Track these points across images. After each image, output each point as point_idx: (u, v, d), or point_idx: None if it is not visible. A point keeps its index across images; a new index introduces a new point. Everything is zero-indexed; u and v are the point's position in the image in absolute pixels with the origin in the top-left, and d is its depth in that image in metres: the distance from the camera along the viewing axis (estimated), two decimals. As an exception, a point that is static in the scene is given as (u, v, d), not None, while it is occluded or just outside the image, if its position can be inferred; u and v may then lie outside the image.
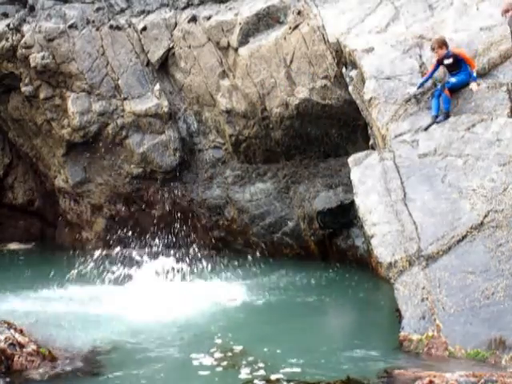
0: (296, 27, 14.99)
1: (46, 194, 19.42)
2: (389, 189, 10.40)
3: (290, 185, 16.39)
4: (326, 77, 14.72)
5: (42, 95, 17.35)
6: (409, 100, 11.62)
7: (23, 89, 17.48)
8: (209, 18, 16.16)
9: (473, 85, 11.29)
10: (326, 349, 9.24)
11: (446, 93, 11.24)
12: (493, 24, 12.22)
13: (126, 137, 17.10)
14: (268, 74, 15.36)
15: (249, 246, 17.00)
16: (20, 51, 17.16)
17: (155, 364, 8.73)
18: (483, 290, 8.91)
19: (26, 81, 17.42)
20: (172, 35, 16.70)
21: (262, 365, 8.43)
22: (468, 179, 10.07)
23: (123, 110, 16.97)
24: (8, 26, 17.35)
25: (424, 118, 11.29)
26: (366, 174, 10.86)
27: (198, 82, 16.54)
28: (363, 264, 14.83)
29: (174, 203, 17.41)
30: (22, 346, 8.50)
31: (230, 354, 8.99)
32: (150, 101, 16.84)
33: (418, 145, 10.87)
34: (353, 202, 12.15)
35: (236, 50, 15.66)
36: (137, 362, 8.80)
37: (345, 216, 15.62)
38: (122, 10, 17.37)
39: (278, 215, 16.45)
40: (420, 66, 12.06)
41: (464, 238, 9.47)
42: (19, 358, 8.36)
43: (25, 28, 17.22)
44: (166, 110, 16.76)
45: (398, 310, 9.38)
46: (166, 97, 16.93)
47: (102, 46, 17.06)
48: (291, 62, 15.06)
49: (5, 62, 17.59)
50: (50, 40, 16.98)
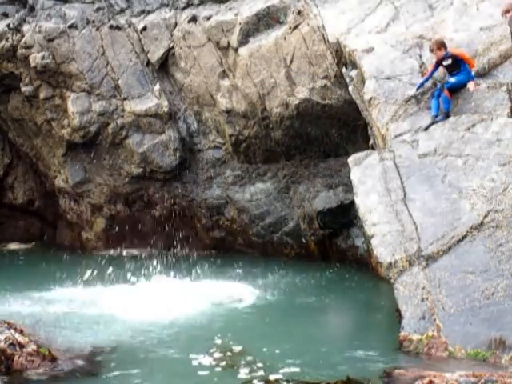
0: (296, 27, 14.99)
1: (45, 194, 19.41)
2: (389, 189, 10.40)
3: (290, 185, 16.39)
4: (326, 77, 14.72)
5: (42, 95, 17.34)
6: (409, 100, 11.63)
7: (23, 89, 17.48)
8: (209, 18, 16.16)
9: (470, 84, 11.28)
10: (326, 349, 9.24)
11: (446, 93, 11.23)
12: (493, 24, 12.22)
13: (126, 137, 17.10)
14: (268, 74, 15.36)
15: (249, 245, 17.01)
16: (20, 51, 17.16)
17: (155, 364, 8.73)
18: (483, 289, 8.91)
19: (26, 81, 17.42)
20: (172, 35, 16.70)
21: (261, 365, 8.43)
22: (468, 179, 10.07)
23: (123, 110, 16.97)
24: (8, 25, 17.34)
25: (424, 118, 11.29)
26: (366, 174, 10.86)
27: (197, 82, 16.54)
28: (363, 264, 14.83)
29: (174, 203, 17.41)
30: (21, 346, 8.50)
31: (229, 353, 8.99)
32: (150, 101, 16.84)
33: (417, 145, 10.87)
34: (353, 202, 12.15)
35: (236, 50, 15.66)
36: (136, 362, 8.80)
37: (345, 216, 15.62)
38: (122, 10, 17.36)
39: (278, 215, 16.45)
40: (420, 66, 12.06)
41: (464, 237, 9.47)
42: (19, 357, 8.36)
43: (25, 28, 17.22)
44: (166, 109, 16.75)
45: (398, 310, 9.38)
46: (166, 97, 16.92)
47: (102, 46, 17.06)
48: (291, 62, 15.06)
49: (5, 62, 17.58)
50: (50, 40, 16.97)
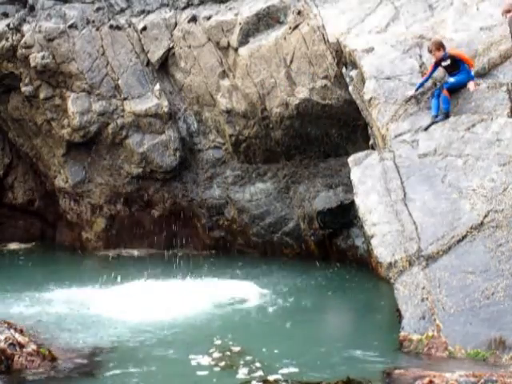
0: (296, 27, 14.99)
1: (46, 194, 19.41)
2: (389, 189, 10.40)
3: (289, 185, 16.39)
4: (326, 77, 14.72)
5: (42, 95, 17.34)
6: (409, 100, 11.62)
7: (23, 89, 17.47)
8: (209, 18, 16.16)
9: (470, 84, 11.28)
10: (326, 349, 9.24)
11: (445, 93, 11.22)
12: (493, 24, 12.22)
13: (126, 137, 17.09)
14: (268, 74, 15.36)
15: (249, 245, 17.01)
16: (20, 51, 17.15)
17: (154, 364, 8.73)
18: (483, 289, 8.91)
19: (26, 81, 17.41)
20: (172, 35, 16.70)
21: (261, 365, 8.42)
22: (468, 179, 10.07)
23: (123, 110, 16.96)
24: (8, 25, 17.34)
25: (424, 118, 11.29)
26: (365, 174, 10.86)
27: (197, 82, 16.54)
28: (363, 264, 14.83)
29: (174, 203, 17.41)
30: (21, 346, 8.50)
31: (228, 354, 8.98)
32: (150, 101, 16.84)
33: (417, 145, 10.87)
34: (353, 202, 12.14)
35: (236, 50, 15.66)
36: (136, 362, 8.80)
37: (345, 216, 15.61)
38: (122, 10, 17.36)
39: (278, 215, 16.45)
40: (420, 66, 12.05)
41: (464, 237, 9.47)
42: (19, 357, 8.36)
43: (25, 28, 17.21)
44: (166, 110, 16.75)
45: (398, 310, 9.38)
46: (166, 97, 16.92)
47: (102, 46, 17.06)
48: (291, 62, 15.06)
49: (5, 62, 17.58)
50: (50, 40, 16.97)
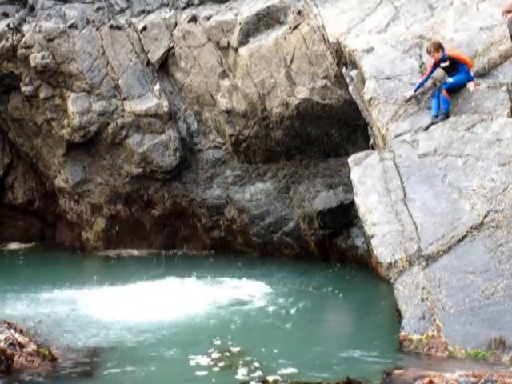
0: (296, 27, 14.99)
1: (45, 194, 19.40)
2: (389, 189, 10.40)
3: (290, 185, 16.38)
4: (326, 77, 14.72)
5: (42, 95, 17.34)
6: (409, 100, 11.63)
7: (23, 89, 17.47)
8: (209, 18, 16.16)
9: (470, 84, 11.28)
10: (325, 349, 9.23)
11: (444, 93, 11.22)
12: (493, 24, 12.22)
13: (126, 137, 17.09)
14: (268, 74, 15.36)
15: (249, 245, 17.00)
16: (20, 51, 17.15)
17: (154, 364, 8.73)
18: (483, 289, 8.91)
19: (26, 81, 17.41)
20: (172, 35, 16.69)
21: (260, 365, 8.42)
22: (468, 179, 10.07)
23: (123, 110, 16.96)
24: (8, 25, 17.33)
25: (424, 118, 11.29)
26: (366, 174, 10.86)
27: (197, 82, 16.53)
28: (363, 264, 14.82)
29: (174, 203, 17.41)
30: (22, 346, 8.51)
31: (227, 354, 8.98)
32: (150, 101, 16.83)
33: (418, 145, 10.87)
34: (353, 202, 12.15)
35: (236, 49, 15.65)
36: (135, 362, 8.81)
37: (345, 216, 15.61)
38: (122, 10, 17.36)
39: (278, 215, 16.45)
40: (420, 66, 12.06)
41: (464, 237, 9.47)
42: (19, 357, 8.36)
43: (25, 28, 17.21)
44: (166, 109, 16.75)
45: (398, 310, 9.38)
46: (166, 97, 16.92)
47: (102, 46, 17.05)
48: (291, 61, 15.06)
49: (5, 62, 17.57)
50: (50, 40, 16.96)
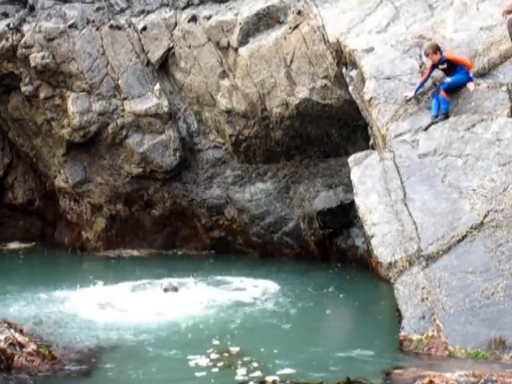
0: (296, 27, 14.99)
1: (45, 194, 19.41)
2: (389, 189, 10.39)
3: (290, 185, 16.38)
4: (326, 77, 14.73)
5: (42, 95, 17.34)
6: (409, 100, 11.62)
7: (23, 89, 17.47)
8: (209, 18, 16.16)
9: (470, 85, 11.28)
10: (325, 349, 9.22)
11: (443, 94, 11.20)
12: (493, 24, 12.21)
13: (126, 137, 17.09)
14: (268, 74, 15.36)
15: (249, 245, 17.00)
16: (20, 51, 17.15)
17: (153, 364, 8.74)
18: (483, 289, 8.91)
19: (26, 81, 17.41)
20: (172, 35, 16.70)
21: (259, 366, 8.41)
22: (468, 179, 10.07)
23: (123, 110, 16.96)
24: (8, 25, 17.34)
25: (424, 118, 11.28)
26: (366, 174, 10.85)
27: (197, 81, 16.54)
28: (363, 264, 14.82)
29: (174, 203, 17.41)
30: (21, 346, 8.51)
31: (226, 354, 8.98)
32: (150, 101, 16.84)
33: (418, 145, 10.86)
34: (353, 202, 12.15)
35: (236, 49, 15.66)
36: (135, 362, 8.82)
37: (345, 216, 15.61)
38: (122, 10, 17.36)
39: (278, 215, 16.45)
40: (420, 66, 12.04)
41: (464, 237, 9.47)
42: (19, 357, 8.36)
43: (25, 28, 17.21)
44: (166, 109, 16.75)
45: (398, 310, 9.38)
46: (166, 97, 16.92)
47: (102, 46, 17.06)
48: (291, 61, 15.06)
49: (5, 62, 17.58)
50: (50, 40, 16.97)
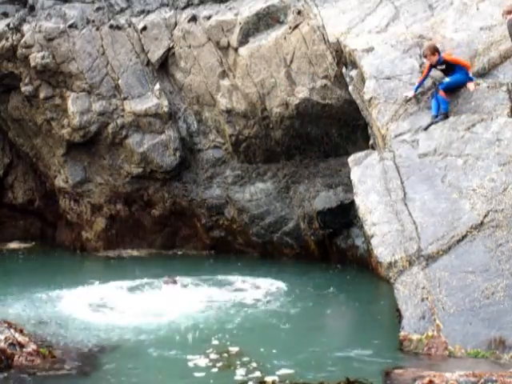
0: (296, 27, 14.99)
1: (45, 193, 19.41)
2: (389, 189, 10.39)
3: (290, 184, 16.38)
4: (326, 77, 14.72)
5: (41, 95, 17.34)
6: (409, 100, 11.62)
7: (23, 88, 17.47)
8: (209, 18, 16.17)
9: (470, 85, 11.28)
10: (325, 349, 9.22)
11: (441, 94, 11.20)
12: (493, 24, 12.21)
13: (125, 136, 17.09)
14: (268, 74, 15.36)
15: (249, 245, 17.00)
16: (20, 51, 17.15)
17: (153, 364, 8.74)
18: (483, 289, 8.91)
19: (26, 80, 17.41)
20: (172, 35, 16.70)
21: (258, 366, 8.42)
22: (468, 179, 10.07)
23: (123, 110, 16.96)
24: (8, 25, 17.34)
25: (424, 118, 11.28)
26: (366, 174, 10.85)
27: (197, 81, 16.54)
28: (363, 264, 14.82)
29: (174, 203, 17.40)
30: (21, 346, 8.51)
31: (225, 355, 8.98)
32: (150, 101, 16.84)
33: (417, 145, 10.87)
34: (353, 202, 12.15)
35: (236, 49, 15.66)
36: (135, 362, 8.83)
37: (345, 216, 15.61)
38: (122, 10, 17.36)
39: (278, 215, 16.45)
40: (420, 66, 12.03)
41: (464, 237, 9.47)
42: (19, 357, 8.37)
43: (25, 28, 17.21)
44: (166, 109, 16.75)
45: (398, 310, 9.38)
46: (166, 97, 16.92)
47: (102, 46, 17.05)
48: (291, 61, 15.06)
49: (5, 62, 17.58)
50: (50, 40, 16.97)
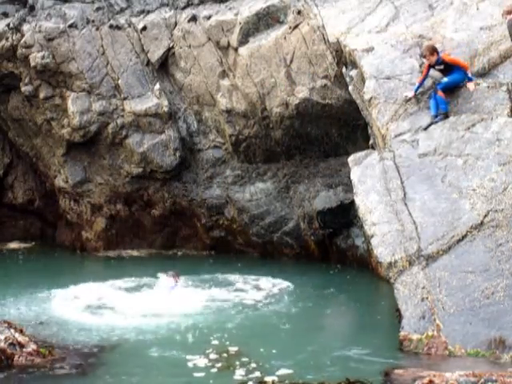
0: (296, 27, 14.99)
1: (45, 193, 19.40)
2: (389, 188, 10.39)
3: (290, 184, 16.38)
4: (326, 76, 14.73)
5: (41, 95, 17.33)
6: (409, 100, 11.62)
7: (23, 88, 17.46)
8: (209, 18, 16.17)
9: (470, 85, 11.28)
10: (325, 349, 9.23)
11: (440, 94, 11.20)
12: (493, 23, 12.22)
13: (125, 136, 17.08)
14: (268, 74, 15.36)
15: (249, 245, 17.00)
16: (20, 51, 17.15)
17: (153, 364, 8.75)
18: (483, 289, 8.91)
19: (26, 80, 17.41)
20: (172, 35, 16.69)
21: (258, 366, 8.42)
22: (468, 179, 10.07)
23: (123, 110, 16.95)
24: (8, 25, 17.33)
25: (424, 118, 11.29)
26: (365, 174, 10.86)
27: (197, 81, 16.54)
28: (363, 264, 14.82)
29: (174, 203, 17.40)
30: (21, 346, 8.52)
31: (225, 355, 8.98)
32: (150, 100, 16.83)
33: (417, 144, 10.87)
34: (353, 202, 12.15)
35: (236, 49, 15.66)
36: (134, 362, 8.84)
37: (345, 216, 15.61)
38: (122, 10, 17.36)
39: (278, 215, 16.45)
40: (420, 66, 12.04)
41: (464, 237, 9.47)
42: (19, 357, 8.38)
43: (25, 28, 17.21)
44: (165, 109, 16.74)
45: (398, 310, 9.38)
46: (166, 96, 16.92)
47: (102, 46, 17.05)
48: (291, 61, 15.06)
49: (5, 62, 17.57)
50: (50, 40, 16.96)
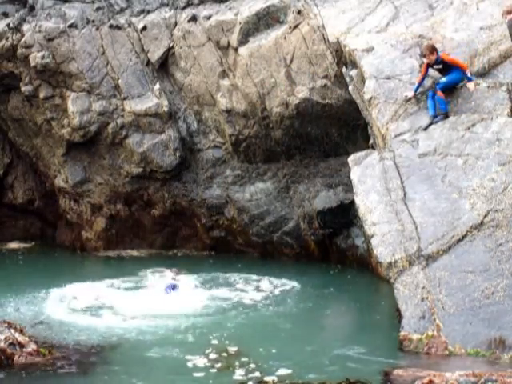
0: (296, 27, 14.99)
1: (45, 193, 19.40)
2: (389, 188, 10.40)
3: (290, 184, 16.38)
4: (326, 76, 14.73)
5: (41, 95, 17.33)
6: (409, 100, 11.63)
7: (23, 88, 17.46)
8: (209, 18, 16.16)
9: (470, 85, 11.29)
10: (325, 349, 9.23)
11: (439, 94, 11.20)
12: (493, 23, 12.23)
13: (125, 136, 17.08)
14: (268, 74, 15.36)
15: (249, 245, 17.00)
16: (20, 51, 17.14)
17: (152, 364, 8.75)
18: (483, 289, 8.92)
19: (26, 80, 17.40)
20: (172, 35, 16.69)
21: (257, 366, 8.42)
22: (468, 179, 10.08)
23: (123, 110, 16.95)
24: (8, 25, 17.33)
25: (424, 118, 11.29)
26: (366, 174, 10.86)
27: (197, 81, 16.53)
28: (363, 264, 14.82)
29: (174, 203, 17.40)
30: (21, 346, 8.52)
31: (225, 354, 8.99)
32: (150, 100, 16.83)
33: (417, 144, 10.87)
34: (353, 202, 12.15)
35: (236, 49, 15.65)
36: (134, 363, 8.84)
37: (345, 216, 15.60)
38: (122, 10, 17.35)
39: (278, 215, 16.44)
40: (420, 66, 12.05)
41: (464, 237, 9.48)
42: (19, 357, 8.38)
43: (25, 27, 17.20)
44: (165, 109, 16.74)
45: (398, 310, 9.38)
46: (166, 96, 16.91)
47: (102, 46, 17.05)
48: (291, 61, 15.06)
49: (5, 62, 17.56)
50: (50, 39, 16.96)
